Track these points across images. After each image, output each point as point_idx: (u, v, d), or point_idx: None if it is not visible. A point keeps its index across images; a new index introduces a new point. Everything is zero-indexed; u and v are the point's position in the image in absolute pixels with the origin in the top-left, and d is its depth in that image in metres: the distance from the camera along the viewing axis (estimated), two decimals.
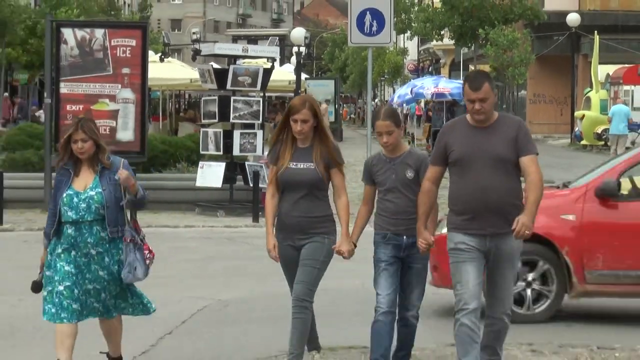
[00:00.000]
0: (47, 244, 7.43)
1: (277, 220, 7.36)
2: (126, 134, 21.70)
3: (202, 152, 22.41)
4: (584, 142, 42.44)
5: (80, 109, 21.83)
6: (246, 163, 22.28)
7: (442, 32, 42.63)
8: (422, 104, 50.85)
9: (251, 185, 21.32)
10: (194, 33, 27.77)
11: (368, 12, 21.33)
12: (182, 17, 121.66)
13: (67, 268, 7.26)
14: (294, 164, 7.17)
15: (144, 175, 20.49)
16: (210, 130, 22.61)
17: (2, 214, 19.20)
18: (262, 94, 23.71)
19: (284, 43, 48.82)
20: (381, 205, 7.36)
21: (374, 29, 21.15)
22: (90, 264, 7.31)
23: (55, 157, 22.14)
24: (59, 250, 7.31)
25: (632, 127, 36.80)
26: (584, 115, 43.14)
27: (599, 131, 40.33)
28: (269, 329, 10.90)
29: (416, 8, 44.63)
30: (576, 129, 44.61)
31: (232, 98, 22.26)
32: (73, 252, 7.29)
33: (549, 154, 37.11)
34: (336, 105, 48.91)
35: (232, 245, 18.27)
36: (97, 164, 7.35)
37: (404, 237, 7.17)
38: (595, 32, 42.85)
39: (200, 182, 21.82)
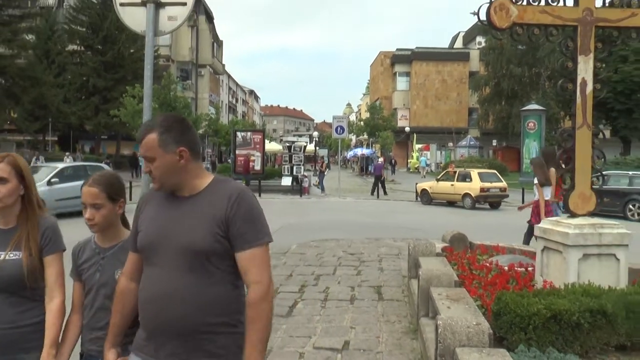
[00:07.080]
0: None
1: None
2: (258, 167, 20.59)
3: (282, 173, 21.01)
4: (411, 170, 41.83)
5: (243, 158, 20.97)
6: (298, 176, 20.72)
7: (364, 133, 41.62)
8: (356, 157, 49.66)
9: (299, 183, 20.02)
10: (280, 134, 27.15)
11: (339, 126, 20.28)
12: (276, 128, 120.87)
13: None
14: None
15: (265, 181, 19.27)
16: (286, 165, 21.24)
17: None
18: (304, 154, 22.31)
19: (311, 137, 47.82)
20: (83, 312, 1.45)
21: (342, 132, 19.85)
22: None
23: (234, 177, 21.20)
24: None
25: (426, 164, 35.98)
26: (411, 161, 42.70)
27: (416, 166, 39.80)
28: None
29: (355, 125, 44.49)
30: (408, 165, 43.63)
31: (293, 155, 21.05)
32: None
33: (401, 175, 35.99)
34: (328, 159, 46.84)
35: (294, 203, 15.82)
36: None
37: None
38: (414, 133, 41.78)
39: (283, 183, 20.59)
